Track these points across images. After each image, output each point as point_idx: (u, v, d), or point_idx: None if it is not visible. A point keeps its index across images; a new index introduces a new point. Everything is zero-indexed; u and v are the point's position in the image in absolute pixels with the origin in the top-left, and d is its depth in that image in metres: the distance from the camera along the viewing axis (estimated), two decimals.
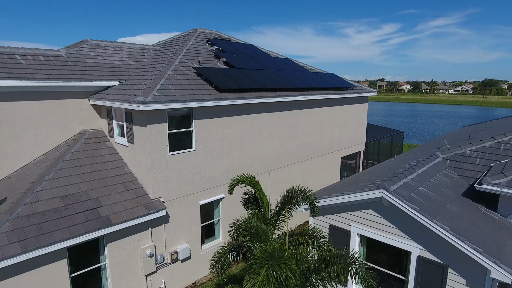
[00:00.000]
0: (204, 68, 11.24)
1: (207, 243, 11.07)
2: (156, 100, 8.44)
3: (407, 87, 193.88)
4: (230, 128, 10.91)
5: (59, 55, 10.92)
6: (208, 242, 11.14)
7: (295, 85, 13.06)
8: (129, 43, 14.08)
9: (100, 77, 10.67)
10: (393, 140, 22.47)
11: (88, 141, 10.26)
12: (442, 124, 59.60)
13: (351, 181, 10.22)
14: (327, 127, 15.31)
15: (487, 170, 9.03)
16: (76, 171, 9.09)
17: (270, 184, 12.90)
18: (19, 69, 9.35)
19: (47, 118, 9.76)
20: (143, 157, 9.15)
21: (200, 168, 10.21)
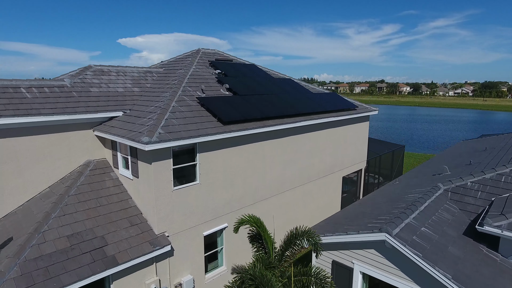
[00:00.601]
0: (207, 98, 11.33)
1: (210, 272, 11.17)
2: (161, 139, 8.53)
3: (407, 89, 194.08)
4: (234, 158, 11.01)
5: (64, 85, 11.02)
6: (212, 271, 11.24)
7: (297, 111, 13.15)
8: (132, 67, 14.18)
9: (104, 108, 10.77)
10: (394, 154, 22.57)
11: (93, 172, 10.35)
12: (442, 130, 59.70)
13: (353, 213, 10.32)
14: (328, 149, 15.41)
15: (488, 206, 9.13)
16: (82, 206, 9.18)
17: (273, 209, 13.00)
18: (25, 104, 9.45)
19: (52, 151, 9.85)
20: (148, 192, 9.24)
21: (204, 200, 10.31)
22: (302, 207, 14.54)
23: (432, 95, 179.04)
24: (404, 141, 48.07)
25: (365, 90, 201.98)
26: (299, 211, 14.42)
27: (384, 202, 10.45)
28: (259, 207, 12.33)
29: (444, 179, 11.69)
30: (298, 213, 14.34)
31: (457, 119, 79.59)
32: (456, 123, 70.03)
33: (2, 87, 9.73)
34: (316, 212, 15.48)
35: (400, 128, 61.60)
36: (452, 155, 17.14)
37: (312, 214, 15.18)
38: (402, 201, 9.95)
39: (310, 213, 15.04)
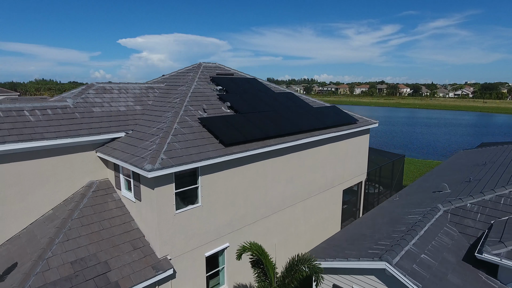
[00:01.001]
0: (209, 119, 11.42)
1: None
2: (164, 166, 8.62)
3: (407, 91, 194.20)
4: (235, 178, 11.10)
5: (66, 106, 11.11)
6: None
7: (298, 128, 13.24)
8: (134, 83, 14.27)
9: (107, 129, 10.85)
10: (394, 164, 22.65)
11: (95, 194, 10.44)
12: (442, 134, 59.79)
13: (354, 234, 10.40)
14: (329, 163, 15.50)
15: (487, 229, 9.23)
16: (85, 230, 9.27)
17: (274, 226, 13.08)
18: (28, 128, 9.54)
19: (55, 173, 9.94)
20: (150, 216, 9.33)
21: (206, 222, 10.40)
22: (303, 222, 14.63)
23: (432, 96, 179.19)
24: (403, 146, 48.19)
25: (365, 91, 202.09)
26: (300, 226, 14.51)
27: (385, 223, 10.54)
28: (260, 224, 12.43)
29: (443, 198, 11.78)
30: (299, 228, 14.43)
31: (457, 122, 79.71)
32: (456, 127, 70.14)
33: (5, 111, 9.82)
34: (317, 227, 15.57)
35: (400, 132, 61.70)
36: (451, 168, 17.23)
37: (313, 228, 15.27)
38: (402, 223, 10.04)
39: (311, 227, 15.13)
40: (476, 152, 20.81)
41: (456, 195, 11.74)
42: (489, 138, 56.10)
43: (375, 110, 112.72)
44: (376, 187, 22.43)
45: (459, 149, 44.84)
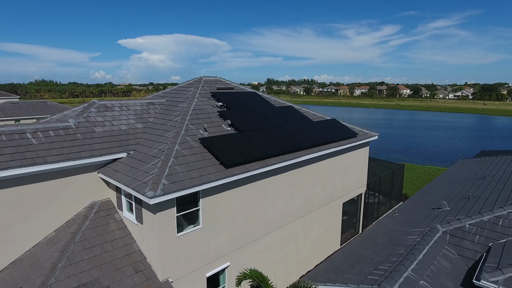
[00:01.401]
0: (209, 139, 11.51)
1: None
2: (166, 192, 8.71)
3: (407, 92, 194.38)
4: (236, 198, 11.19)
5: (68, 127, 11.20)
6: None
7: (298, 145, 13.34)
8: (135, 100, 14.37)
9: (108, 150, 10.95)
10: (394, 174, 22.74)
11: (97, 215, 10.54)
12: (441, 138, 59.85)
13: (353, 255, 10.49)
14: (329, 178, 15.59)
15: (485, 252, 9.32)
16: (87, 254, 9.36)
17: (274, 243, 13.17)
18: (31, 152, 9.63)
19: (58, 196, 10.03)
20: (152, 240, 9.42)
21: (207, 243, 10.49)
22: (303, 237, 14.72)
23: (432, 98, 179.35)
24: (403, 151, 48.26)
25: (365, 92, 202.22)
26: (300, 242, 14.60)
27: (384, 244, 10.63)
28: (260, 242, 12.52)
29: (443, 216, 11.88)
30: (299, 243, 14.52)
31: (457, 125, 79.81)
32: (456, 130, 70.23)
33: (8, 134, 9.92)
34: (317, 240, 15.66)
35: (400, 136, 61.76)
36: (451, 180, 17.32)
37: (312, 243, 15.36)
38: (402, 244, 10.13)
39: (310, 242, 15.22)
40: (475, 163, 20.90)
41: (455, 214, 11.84)
42: (488, 142, 56.20)
43: (375, 113, 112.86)
44: (376, 196, 22.51)
45: (458, 156, 44.97)
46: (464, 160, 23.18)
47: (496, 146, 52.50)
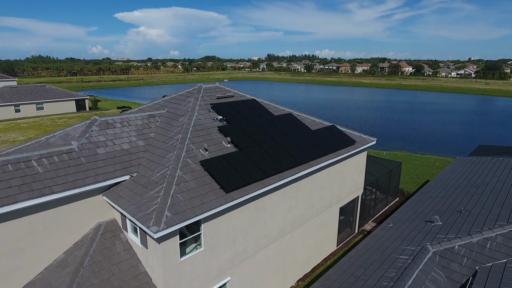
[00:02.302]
0: (210, 161, 11.80)
1: None
2: (169, 225, 9.12)
3: (409, 70, 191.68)
4: (236, 219, 11.64)
5: (72, 150, 11.46)
6: None
7: (297, 161, 13.64)
8: (136, 114, 14.50)
9: (112, 174, 11.27)
10: (391, 173, 23.18)
11: (104, 236, 11.03)
12: (440, 123, 59.85)
13: (346, 274, 11.08)
14: (326, 187, 16.01)
15: (472, 276, 9.88)
16: (96, 278, 9.92)
17: (273, 254, 13.78)
18: (38, 182, 9.96)
19: (65, 221, 10.47)
20: (156, 265, 9.95)
21: (209, 263, 11.05)
22: (301, 245, 15.35)
23: (434, 76, 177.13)
24: (401, 138, 48.44)
25: (367, 70, 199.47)
26: (298, 250, 15.24)
27: (377, 262, 11.20)
28: (260, 255, 13.12)
29: (434, 232, 12.40)
30: (296, 251, 15.17)
31: (457, 107, 79.50)
32: (455, 114, 70.09)
33: (14, 163, 10.21)
34: (314, 246, 16.33)
35: (398, 121, 61.74)
36: (445, 187, 17.74)
37: (310, 249, 16.03)
38: (393, 266, 10.69)
39: (308, 249, 15.89)
40: (472, 163, 21.26)
41: (446, 230, 12.35)
42: (487, 128, 56.33)
43: (376, 93, 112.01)
44: (373, 192, 23.04)
45: (457, 144, 45.23)
46: (461, 158, 23.52)
47: (494, 133, 52.66)
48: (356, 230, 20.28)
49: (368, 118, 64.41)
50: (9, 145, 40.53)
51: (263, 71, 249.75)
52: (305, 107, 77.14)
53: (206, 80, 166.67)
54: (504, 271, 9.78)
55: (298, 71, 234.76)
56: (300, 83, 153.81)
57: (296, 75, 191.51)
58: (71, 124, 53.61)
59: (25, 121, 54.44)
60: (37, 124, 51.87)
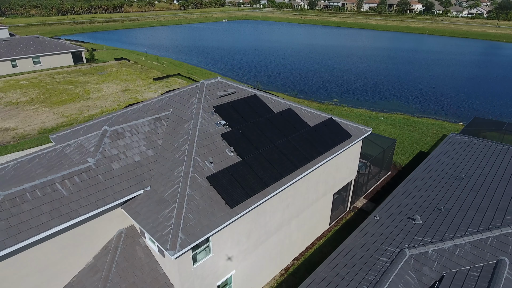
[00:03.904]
0: (215, 176, 12.99)
1: None
2: (183, 247, 10.69)
3: (418, 8, 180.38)
4: (239, 226, 13.25)
5: (89, 168, 12.58)
6: None
7: (295, 166, 14.82)
8: (143, 119, 15.24)
9: (128, 190, 12.55)
10: (385, 152, 24.41)
11: (125, 243, 12.75)
12: (441, 78, 59.06)
13: (334, 273, 13.02)
14: (322, 181, 17.42)
15: (438, 281, 11.78)
16: (123, 282, 11.84)
17: (272, 246, 15.74)
18: (65, 206, 11.31)
19: (92, 233, 12.08)
20: (173, 272, 11.80)
21: (216, 264, 12.94)
22: (296, 232, 17.31)
23: (444, 15, 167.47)
24: (399, 95, 48.36)
25: (374, 7, 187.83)
26: (294, 236, 17.23)
27: (359, 263, 13.08)
28: (260, 248, 15.06)
29: (414, 233, 14.12)
30: (292, 238, 17.17)
31: (461, 59, 77.42)
32: (458, 66, 68.67)
33: (41, 188, 11.43)
34: (308, 230, 18.33)
35: (399, 75, 60.81)
36: (433, 174, 19.11)
37: (304, 233, 18.04)
38: (373, 269, 12.57)
39: (303, 233, 17.89)
40: (462, 145, 22.37)
41: (425, 231, 14.05)
42: (486, 85, 55.87)
43: (380, 37, 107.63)
44: (367, 167, 24.59)
45: (455, 106, 44.94)
46: (453, 136, 24.53)
47: (493, 89, 52.42)
48: (348, 208, 22.24)
49: (369, 71, 63.42)
50: (12, 107, 41.11)
51: (263, 7, 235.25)
52: (306, 59, 75.19)
53: (205, 20, 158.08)
54: (466, 277, 11.64)
55: (301, 8, 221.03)
56: (302, 25, 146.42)
57: (299, 14, 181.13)
58: (71, 80, 53.26)
59: (23, 77, 53.99)
60: (37, 82, 51.61)
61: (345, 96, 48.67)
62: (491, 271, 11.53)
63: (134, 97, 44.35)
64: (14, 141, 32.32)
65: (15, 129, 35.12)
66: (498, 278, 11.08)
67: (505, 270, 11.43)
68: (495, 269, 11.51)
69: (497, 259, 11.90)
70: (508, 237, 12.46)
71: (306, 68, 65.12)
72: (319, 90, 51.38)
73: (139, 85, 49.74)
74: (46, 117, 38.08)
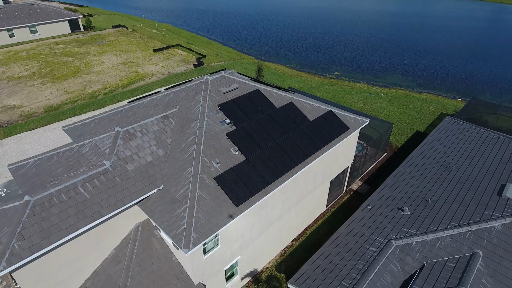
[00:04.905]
0: (222, 177, 14.18)
1: (228, 282, 16.41)
2: (196, 244, 12.16)
3: None
4: (243, 220, 14.69)
5: (107, 171, 13.75)
6: (229, 282, 16.47)
7: (295, 162, 15.97)
8: (152, 118, 16.09)
9: (143, 190, 13.80)
10: (382, 136, 25.41)
11: (142, 236, 14.29)
12: (444, 46, 58.00)
13: (327, 260, 14.69)
14: (320, 171, 18.65)
15: (419, 270, 13.45)
16: (143, 271, 13.52)
17: (273, 233, 17.37)
18: (88, 208, 12.63)
19: (113, 229, 13.56)
20: (187, 263, 13.43)
21: (223, 253, 14.59)
22: (295, 218, 18.91)
23: None
24: (401, 68, 48.13)
25: None
26: (293, 221, 18.85)
27: (351, 252, 14.71)
28: (262, 236, 16.69)
29: (401, 224, 15.63)
30: (291, 223, 18.80)
31: (468, 25, 75.11)
32: (464, 34, 66.98)
33: (65, 192, 12.69)
34: (307, 215, 19.94)
35: (401, 43, 59.67)
36: (424, 163, 20.31)
37: (303, 218, 19.67)
38: (363, 258, 14.20)
39: (301, 218, 19.51)
40: (456, 131, 23.32)
41: (411, 222, 15.55)
42: (492, 59, 55.12)
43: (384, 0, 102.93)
44: (364, 148, 25.80)
45: (457, 82, 44.76)
46: (449, 120, 25.38)
47: (498, 61, 51.92)
48: (344, 190, 23.75)
49: (371, 39, 62.22)
50: (15, 83, 41.36)
51: None
52: (308, 26, 73.09)
53: None
54: (443, 268, 13.29)
55: None
56: None
57: None
58: (70, 51, 52.63)
59: (22, 48, 53.35)
60: (36, 53, 51.12)
61: (347, 68, 48.51)
62: (466, 262, 13.14)
63: (135, 71, 44.36)
64: (22, 120, 33.20)
65: (21, 106, 35.81)
66: (471, 269, 12.71)
67: (478, 262, 13.04)
68: (469, 261, 13.11)
69: (473, 251, 13.47)
70: (485, 232, 13.94)
71: (308, 36, 63.79)
72: (320, 61, 51.03)
73: (139, 57, 49.37)
74: (50, 94, 38.57)
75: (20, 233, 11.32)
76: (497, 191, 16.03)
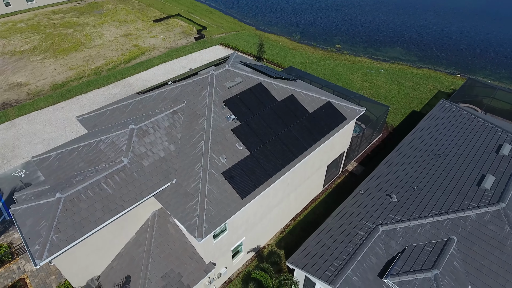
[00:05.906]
0: (229, 172, 15.76)
1: (234, 259, 18.68)
2: (207, 234, 14.04)
3: None
4: (248, 209, 16.49)
5: (125, 167, 15.29)
6: (235, 258, 18.73)
7: (294, 155, 17.48)
8: (162, 114, 17.30)
9: (158, 184, 15.45)
10: (378, 119, 26.59)
11: (159, 222, 16.21)
12: (447, 15, 56.75)
13: (321, 243, 16.73)
14: (318, 160, 20.21)
15: (400, 253, 15.52)
16: (162, 253, 15.59)
17: (273, 217, 19.34)
18: (112, 202, 14.35)
19: (133, 218, 15.44)
20: (199, 247, 15.45)
21: (230, 237, 16.60)
22: (294, 201, 20.81)
23: None
24: (403, 42, 47.68)
25: None
26: (292, 204, 20.78)
27: (342, 235, 16.69)
28: (264, 220, 18.67)
29: (389, 210, 17.49)
30: (291, 205, 20.74)
31: None
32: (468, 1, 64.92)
33: (91, 188, 14.33)
34: (304, 197, 21.84)
35: (404, 10, 58.19)
36: (416, 149, 21.78)
37: (301, 200, 21.59)
38: (353, 241, 16.21)
39: (300, 200, 21.44)
40: (449, 116, 24.50)
41: (398, 209, 17.40)
42: (494, 30, 54.11)
43: None
44: (362, 129, 27.22)
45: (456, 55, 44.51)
46: (444, 104, 26.44)
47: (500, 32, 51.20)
48: (340, 171, 25.49)
49: (374, 9, 60.60)
50: (18, 58, 41.60)
51: None
52: None
53: None
54: (421, 251, 15.30)
55: None
56: None
57: None
58: (69, 22, 51.79)
59: (19, 18, 52.49)
60: (35, 24, 50.46)
61: (349, 40, 48.19)
62: (441, 247, 15.14)
63: (136, 44, 44.28)
64: (30, 99, 34.17)
65: (27, 84, 36.54)
66: (445, 253, 14.72)
67: (452, 247, 15.02)
68: (445, 246, 15.09)
69: (448, 237, 15.43)
70: (461, 220, 15.79)
71: (311, 5, 62.05)
72: (322, 33, 50.49)
73: (140, 28, 48.84)
74: (54, 70, 39.05)
75: (56, 227, 13.13)
76: (477, 182, 17.67)
